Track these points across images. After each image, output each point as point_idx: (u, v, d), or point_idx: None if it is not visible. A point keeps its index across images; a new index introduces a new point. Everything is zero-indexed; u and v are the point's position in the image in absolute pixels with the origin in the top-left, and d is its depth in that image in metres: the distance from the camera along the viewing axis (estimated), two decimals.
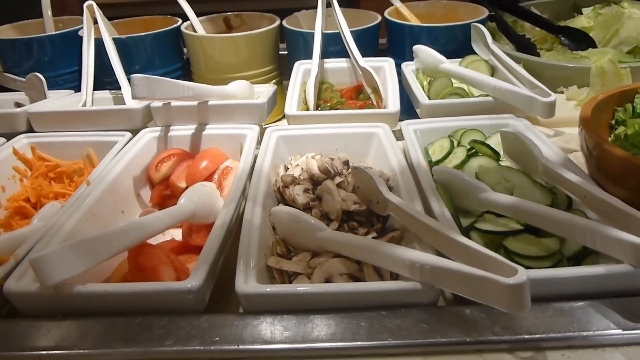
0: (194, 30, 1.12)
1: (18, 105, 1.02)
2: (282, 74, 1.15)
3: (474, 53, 0.99)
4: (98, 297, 0.52)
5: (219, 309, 0.57)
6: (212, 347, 0.47)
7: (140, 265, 0.60)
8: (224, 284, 0.59)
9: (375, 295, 0.50)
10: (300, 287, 0.51)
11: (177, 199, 0.79)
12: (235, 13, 1.20)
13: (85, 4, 1.04)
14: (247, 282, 0.51)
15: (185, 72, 1.16)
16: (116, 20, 1.18)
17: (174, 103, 0.85)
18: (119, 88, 1.03)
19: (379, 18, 1.08)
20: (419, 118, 0.87)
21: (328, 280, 0.55)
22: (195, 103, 0.85)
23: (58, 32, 1.12)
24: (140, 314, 0.52)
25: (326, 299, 0.50)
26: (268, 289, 0.50)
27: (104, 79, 1.08)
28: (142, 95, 0.73)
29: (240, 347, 0.47)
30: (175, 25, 1.11)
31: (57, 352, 0.49)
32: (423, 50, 0.95)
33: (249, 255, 0.55)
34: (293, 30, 1.07)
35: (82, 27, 1.13)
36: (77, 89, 1.09)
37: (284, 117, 1.13)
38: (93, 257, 0.53)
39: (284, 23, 1.10)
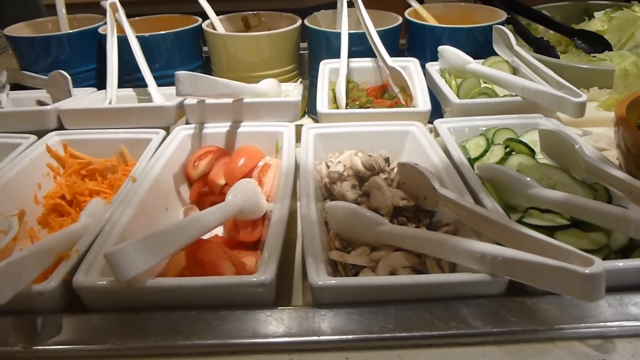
0: (214, 29, 1.12)
1: (40, 103, 1.01)
2: (301, 73, 1.16)
3: (494, 54, 1.02)
4: (170, 291, 0.52)
5: None
6: (293, 339, 0.48)
7: (199, 260, 0.60)
8: None
9: (447, 286, 0.52)
10: (377, 279, 0.52)
11: (215, 196, 0.80)
12: (254, 12, 1.21)
13: (108, 2, 1.03)
14: (319, 275, 0.51)
15: (204, 70, 1.16)
16: (132, 19, 1.18)
17: (208, 100, 0.85)
18: (139, 86, 1.04)
19: (400, 19, 1.10)
20: (442, 117, 0.89)
21: (392, 273, 0.56)
22: (229, 101, 0.85)
23: (77, 29, 1.11)
24: (207, 307, 0.52)
25: (400, 290, 0.51)
26: (346, 282, 0.51)
27: (124, 77, 1.07)
28: (187, 92, 0.73)
29: (321, 337, 0.48)
30: (196, 24, 1.11)
31: (137, 344, 0.49)
32: (449, 51, 0.97)
33: (314, 249, 0.55)
34: (316, 30, 1.08)
35: (99, 25, 1.13)
36: (95, 86, 1.08)
37: (303, 115, 1.15)
38: (161, 252, 0.53)
39: (306, 22, 1.11)
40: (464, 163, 0.73)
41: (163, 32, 1.07)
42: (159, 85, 0.99)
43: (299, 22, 1.10)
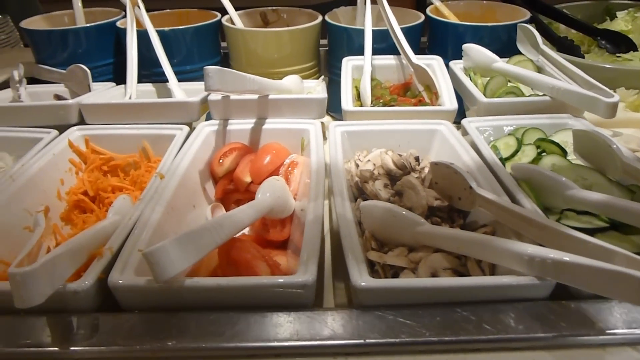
0: (233, 24, 1.11)
1: (58, 97, 1.00)
2: (319, 70, 1.15)
3: (516, 53, 1.00)
4: (208, 291, 0.51)
5: None
6: (339, 342, 0.47)
7: (232, 259, 0.59)
8: None
9: (494, 289, 0.50)
10: (424, 281, 0.51)
11: (240, 193, 0.79)
12: (273, 8, 1.19)
13: None
14: (362, 277, 0.50)
15: (223, 66, 1.14)
16: (150, 13, 1.16)
17: (232, 97, 0.84)
18: (157, 81, 1.02)
19: (422, 17, 1.09)
20: (464, 116, 0.87)
21: (433, 275, 0.55)
22: (254, 97, 0.84)
23: (94, 23, 1.10)
24: (243, 308, 0.51)
25: (446, 293, 0.50)
26: (391, 283, 0.50)
27: (142, 72, 1.06)
28: (216, 88, 0.72)
29: (367, 341, 0.47)
30: (215, 19, 1.10)
31: (178, 345, 0.48)
32: (475, 49, 0.96)
33: (354, 249, 0.54)
34: (338, 26, 1.06)
35: (117, 19, 1.12)
36: (111, 81, 1.07)
37: None
38: (198, 251, 0.52)
39: (327, 19, 1.09)
40: (497, 163, 0.71)
41: (182, 27, 1.05)
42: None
43: (320, 18, 1.09)
